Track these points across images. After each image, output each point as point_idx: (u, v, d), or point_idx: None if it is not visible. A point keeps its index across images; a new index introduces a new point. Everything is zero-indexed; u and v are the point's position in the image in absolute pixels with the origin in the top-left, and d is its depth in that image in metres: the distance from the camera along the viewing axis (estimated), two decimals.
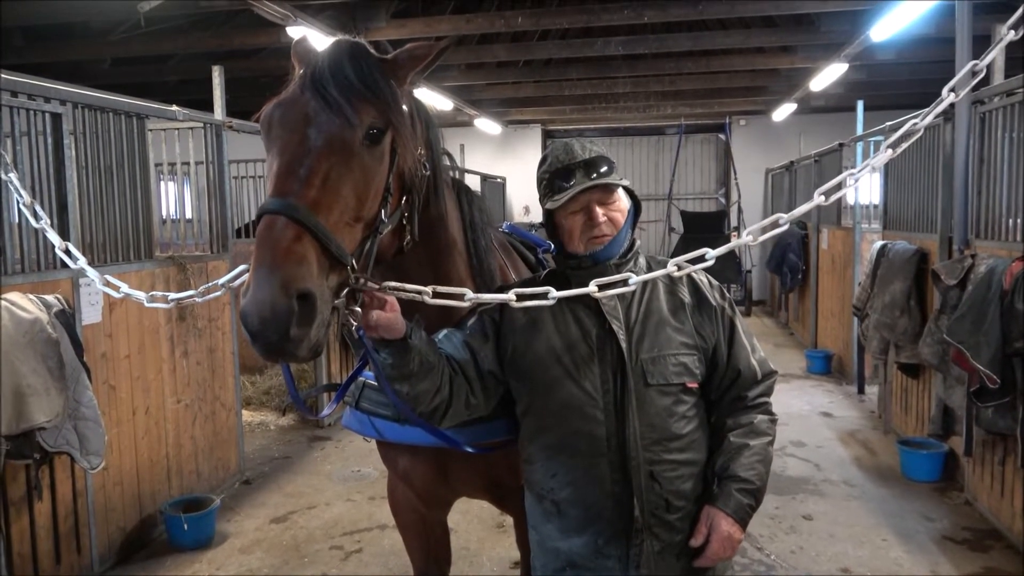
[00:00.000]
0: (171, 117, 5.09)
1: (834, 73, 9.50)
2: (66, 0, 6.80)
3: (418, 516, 2.65)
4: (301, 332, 1.47)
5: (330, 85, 1.64)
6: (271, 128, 1.68)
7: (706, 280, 2.07)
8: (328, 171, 1.59)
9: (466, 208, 2.21)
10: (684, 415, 1.96)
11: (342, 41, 1.79)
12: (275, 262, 1.46)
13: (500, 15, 8.09)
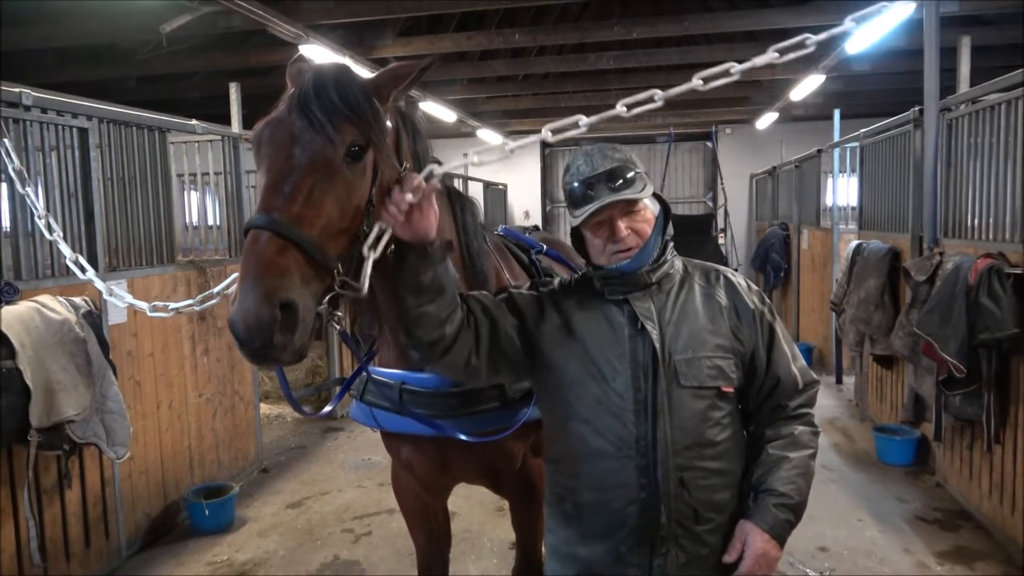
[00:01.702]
0: (191, 131, 5.10)
1: (813, 84, 9.49)
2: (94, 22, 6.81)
3: (420, 502, 2.65)
4: (284, 339, 1.48)
5: (314, 105, 1.64)
6: (260, 146, 1.69)
7: (744, 283, 1.90)
8: (311, 187, 1.60)
9: (459, 213, 2.19)
10: (719, 422, 1.79)
11: (328, 64, 1.79)
12: (259, 274, 1.47)
13: (499, 33, 8.10)
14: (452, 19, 8.59)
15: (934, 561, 4.02)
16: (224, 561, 4.23)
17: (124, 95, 9.43)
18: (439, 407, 2.14)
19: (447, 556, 2.78)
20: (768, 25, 7.49)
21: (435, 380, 2.13)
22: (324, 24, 6.79)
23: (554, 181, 16.56)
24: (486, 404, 2.14)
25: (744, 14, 7.33)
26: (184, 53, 8.13)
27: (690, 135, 15.50)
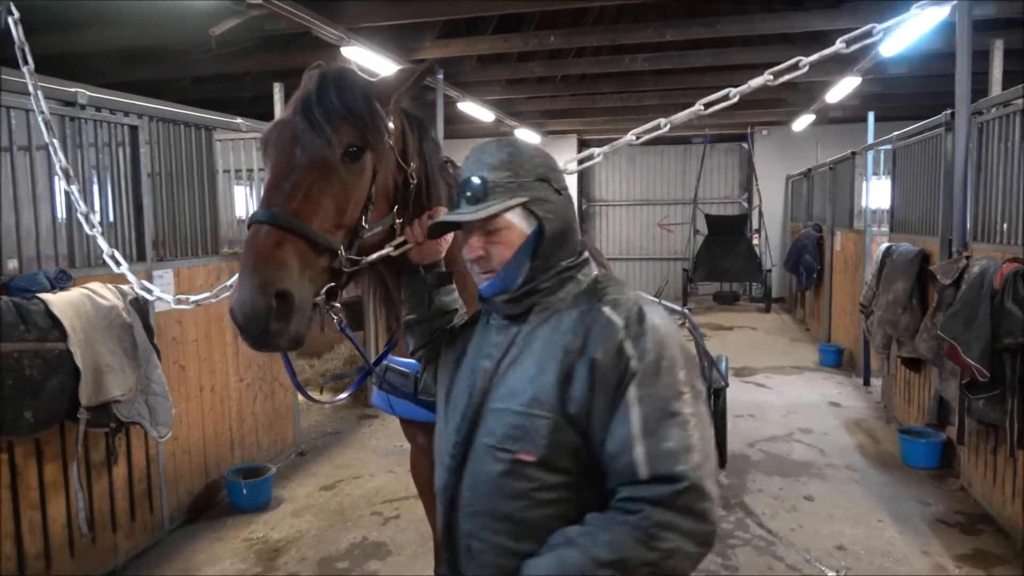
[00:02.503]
0: (236, 128, 5.24)
1: (848, 86, 9.30)
2: (150, 25, 7.03)
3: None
4: (280, 326, 1.55)
5: (315, 108, 1.71)
6: (267, 147, 1.76)
7: (635, 331, 1.39)
8: (310, 185, 1.66)
9: None
10: (524, 495, 1.41)
11: (333, 68, 1.85)
12: (257, 265, 1.54)
13: (535, 35, 8.11)
14: (490, 21, 8.63)
15: (952, 564, 3.94)
16: (260, 538, 4.36)
17: (179, 95, 9.70)
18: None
19: None
20: (801, 28, 7.38)
21: None
22: (365, 27, 6.88)
23: (591, 180, 16.52)
24: None
25: (777, 16, 7.22)
26: (234, 55, 8.32)
27: (725, 136, 15.30)
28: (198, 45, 8.12)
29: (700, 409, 1.37)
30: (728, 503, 4.75)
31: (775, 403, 7.14)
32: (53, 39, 7.02)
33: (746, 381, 7.99)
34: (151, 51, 8.32)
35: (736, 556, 4.06)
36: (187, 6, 6.02)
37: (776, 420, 6.58)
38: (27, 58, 2.17)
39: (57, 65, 7.24)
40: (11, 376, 3.07)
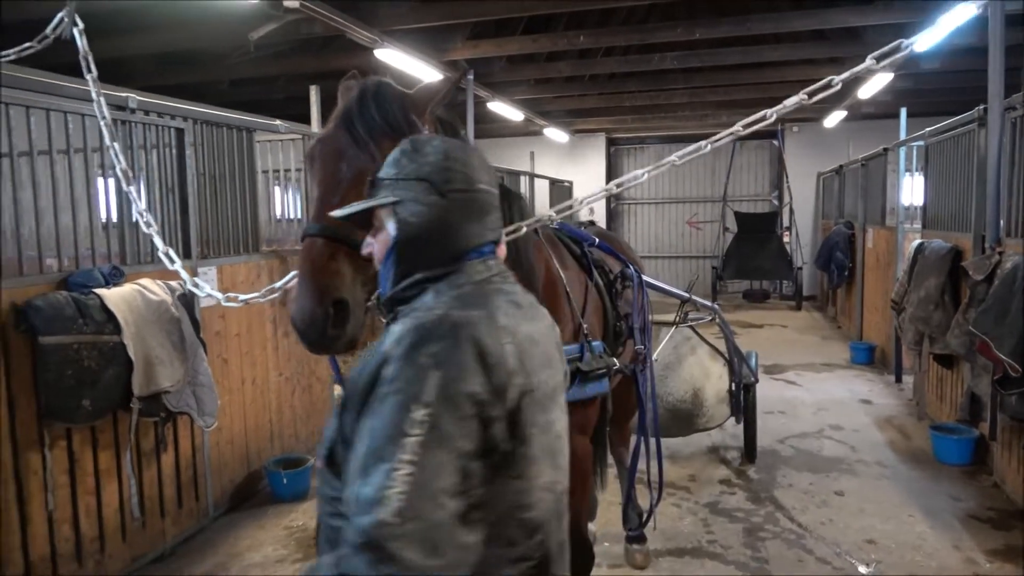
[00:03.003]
0: (275, 130, 5.40)
1: (881, 82, 9.23)
2: (190, 30, 7.25)
3: None
4: (337, 332, 1.67)
5: (358, 124, 1.82)
6: (313, 161, 1.87)
7: (388, 342, 1.28)
8: (357, 198, 1.71)
9: (507, 209, 2.30)
10: (327, 500, 1.39)
11: (370, 82, 1.94)
12: (314, 276, 1.67)
13: (564, 35, 8.19)
14: (519, 22, 8.73)
15: (983, 558, 3.95)
16: (299, 526, 4.51)
17: (217, 97, 9.95)
18: None
19: None
20: (834, 24, 7.36)
21: None
22: (397, 29, 7.03)
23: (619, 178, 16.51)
24: None
25: (808, 13, 7.20)
26: (269, 58, 8.53)
27: (756, 133, 15.13)
28: (235, 49, 8.34)
29: (427, 459, 1.14)
30: (758, 497, 4.79)
31: (806, 400, 7.13)
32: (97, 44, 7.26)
33: (776, 378, 7.99)
34: (191, 55, 8.57)
35: (766, 548, 4.10)
36: (227, 10, 6.21)
37: (807, 417, 6.59)
38: (91, 66, 2.31)
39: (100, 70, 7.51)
40: (71, 367, 3.24)
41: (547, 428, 1.34)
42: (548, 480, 1.34)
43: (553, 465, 1.36)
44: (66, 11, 2.32)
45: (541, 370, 1.36)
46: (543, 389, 1.35)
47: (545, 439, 1.33)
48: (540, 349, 1.38)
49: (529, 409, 1.29)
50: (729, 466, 5.37)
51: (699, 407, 5.06)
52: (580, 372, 2.39)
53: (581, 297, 2.56)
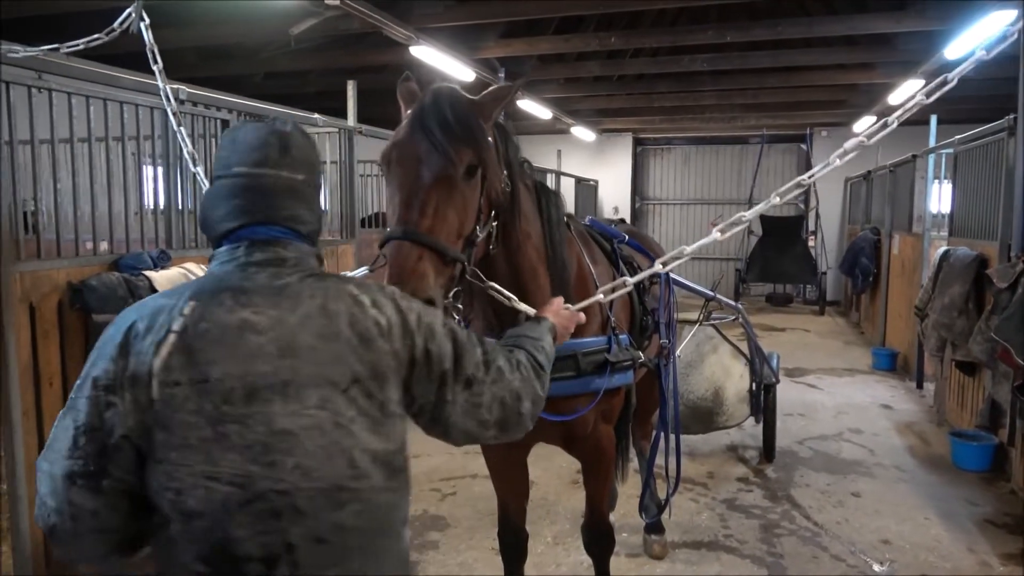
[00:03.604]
0: (313, 123, 5.57)
1: (911, 88, 9.20)
2: (231, 24, 7.45)
3: (501, 454, 2.89)
4: None
5: (436, 130, 1.91)
6: (390, 166, 1.97)
7: None
8: (437, 202, 1.89)
9: (544, 206, 2.42)
10: None
11: (441, 88, 2.03)
12: (404, 278, 1.77)
13: (595, 35, 8.29)
14: (551, 22, 8.84)
15: (998, 562, 4.01)
16: None
17: (251, 90, 10.16)
18: None
19: (523, 506, 3.04)
20: (865, 30, 7.38)
21: None
22: (431, 27, 7.17)
23: (645, 178, 16.58)
24: (562, 373, 2.39)
25: (840, 19, 7.25)
26: (305, 52, 8.71)
27: (783, 136, 15.19)
28: (270, 43, 8.54)
29: (59, 422, 1.37)
30: (775, 495, 4.87)
31: (826, 403, 7.18)
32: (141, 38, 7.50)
33: (797, 381, 8.03)
34: (230, 49, 8.78)
35: (781, 544, 4.19)
36: (268, 6, 6.39)
37: (826, 420, 6.64)
38: (156, 58, 2.46)
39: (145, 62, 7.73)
40: None
41: (247, 421, 1.30)
42: (209, 470, 1.30)
43: (250, 459, 1.30)
44: (134, 6, 2.47)
45: (250, 361, 1.32)
46: (247, 380, 1.31)
47: (237, 429, 1.30)
48: (260, 339, 1.33)
49: (190, 399, 1.30)
50: (747, 464, 5.45)
51: (719, 405, 5.16)
52: (608, 363, 2.49)
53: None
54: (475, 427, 1.60)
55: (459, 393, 1.55)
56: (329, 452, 1.35)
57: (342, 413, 1.36)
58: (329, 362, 1.37)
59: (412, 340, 1.47)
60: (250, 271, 1.40)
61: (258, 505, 1.31)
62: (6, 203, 3.16)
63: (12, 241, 3.19)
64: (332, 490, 1.35)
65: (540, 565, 3.90)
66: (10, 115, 3.14)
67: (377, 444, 1.40)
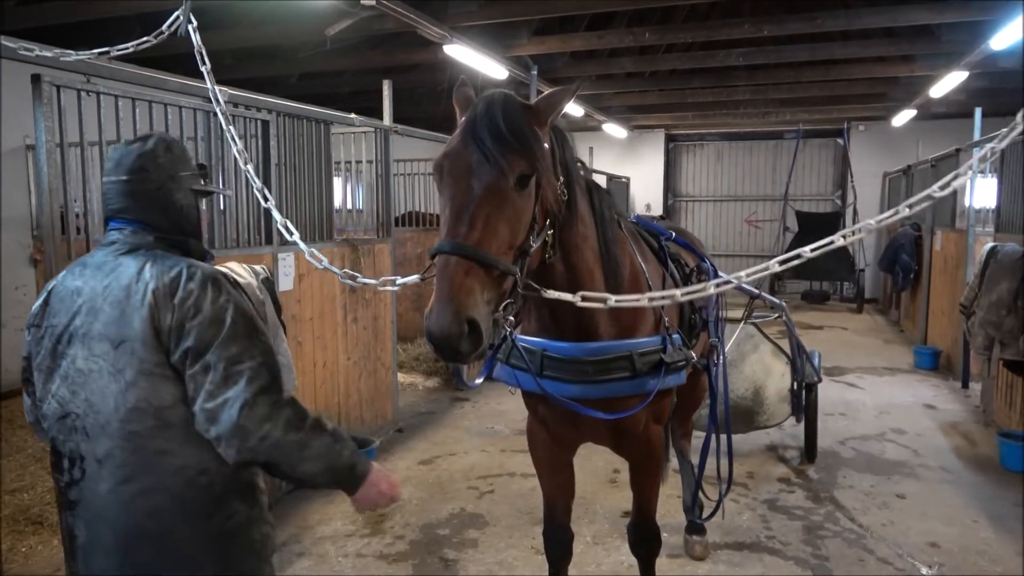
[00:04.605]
0: (350, 123, 5.61)
1: (954, 81, 8.99)
2: (268, 26, 7.53)
3: (551, 453, 2.88)
4: (470, 347, 1.77)
5: (487, 139, 1.88)
6: (442, 176, 1.95)
7: None
8: (488, 214, 1.86)
9: (597, 205, 2.39)
10: None
11: (495, 95, 2.00)
12: (450, 295, 1.75)
13: (629, 31, 8.22)
14: (583, 19, 8.79)
15: None
16: None
17: (286, 90, 10.29)
18: (574, 372, 2.38)
19: (570, 505, 3.02)
20: (906, 22, 7.21)
21: (573, 348, 2.38)
22: (464, 26, 7.18)
23: (677, 175, 16.44)
24: (617, 374, 2.37)
25: (880, 11, 7.07)
26: (339, 53, 8.78)
27: (819, 131, 14.94)
28: (305, 44, 8.62)
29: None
30: (817, 496, 4.79)
31: (867, 403, 7.05)
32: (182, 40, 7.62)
33: (837, 380, 7.90)
34: (266, 50, 8.88)
35: (826, 546, 4.12)
36: (304, 7, 6.45)
37: (868, 419, 6.52)
38: (205, 60, 2.49)
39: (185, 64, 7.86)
40: None
41: (65, 358, 1.82)
42: (50, 389, 1.86)
43: (66, 387, 1.82)
44: (182, 9, 2.51)
45: (72, 315, 1.83)
46: (73, 326, 1.82)
47: (65, 367, 1.83)
48: (79, 300, 1.83)
49: (43, 339, 1.87)
50: (788, 465, 5.38)
51: (759, 405, 5.09)
52: (663, 363, 2.46)
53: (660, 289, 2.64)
54: (202, 417, 1.75)
55: (198, 374, 1.74)
56: (104, 394, 1.78)
57: (116, 365, 1.77)
58: (111, 322, 1.78)
59: (173, 314, 1.75)
60: (96, 251, 1.91)
61: (67, 421, 1.82)
62: (56, 204, 3.23)
63: (63, 242, 3.26)
64: (106, 425, 1.77)
65: (580, 564, 3.88)
66: (60, 118, 3.21)
67: (145, 396, 1.76)
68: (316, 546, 4.17)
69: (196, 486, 1.79)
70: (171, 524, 1.79)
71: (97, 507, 1.79)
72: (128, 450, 1.76)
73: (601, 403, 2.39)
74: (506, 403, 6.85)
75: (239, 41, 8.12)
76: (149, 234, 1.89)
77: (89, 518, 1.81)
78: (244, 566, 1.88)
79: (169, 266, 1.80)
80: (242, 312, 1.81)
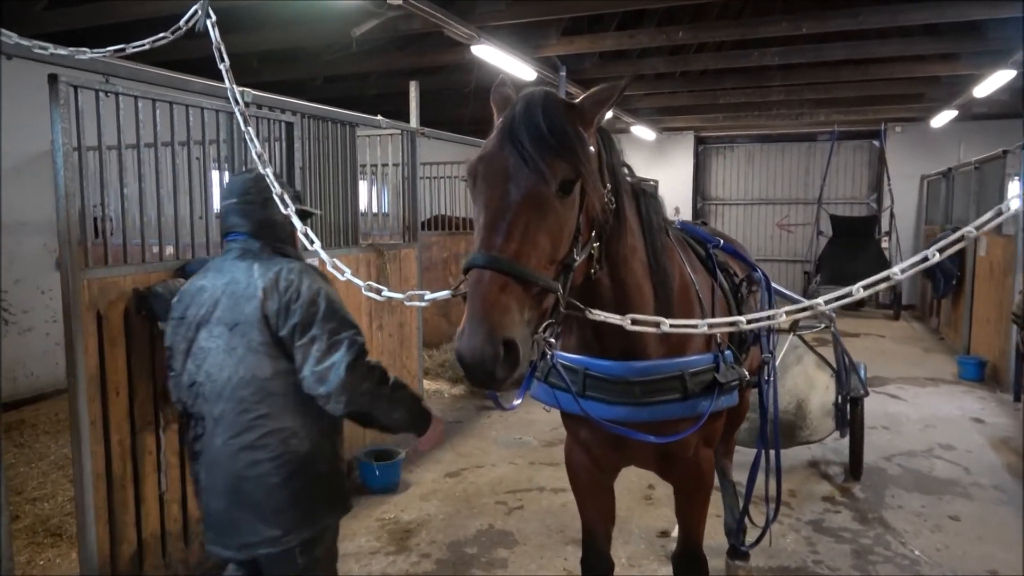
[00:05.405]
0: (376, 125, 5.46)
1: (1001, 80, 8.64)
2: (293, 28, 7.44)
3: (591, 478, 2.69)
4: (506, 372, 1.56)
5: (526, 141, 1.68)
6: (476, 182, 1.74)
7: None
8: (526, 224, 1.64)
9: (644, 212, 2.20)
10: None
11: (535, 93, 1.80)
12: (484, 313, 1.55)
13: (662, 31, 8.00)
14: (612, 18, 8.59)
15: None
16: (391, 519, 4.54)
17: (311, 93, 10.20)
18: (620, 393, 2.18)
19: (611, 532, 2.82)
20: (953, 17, 6.91)
21: (619, 368, 2.18)
22: (492, 25, 7.01)
23: (707, 178, 16.14)
24: (667, 395, 2.17)
25: (925, 6, 6.78)
26: (365, 54, 8.66)
27: (855, 133, 14.56)
28: (330, 46, 8.52)
29: None
30: (865, 517, 4.54)
31: (911, 416, 6.75)
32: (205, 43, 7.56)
33: (878, 391, 7.58)
34: (291, 52, 8.80)
35: (877, 572, 3.87)
36: (329, 8, 6.33)
37: (913, 434, 6.23)
38: (223, 56, 2.34)
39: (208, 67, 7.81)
40: None
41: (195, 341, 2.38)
42: (186, 365, 2.40)
43: (194, 362, 2.37)
44: (200, 4, 2.36)
45: (199, 306, 2.38)
46: (202, 315, 2.37)
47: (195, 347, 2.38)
48: (206, 295, 2.39)
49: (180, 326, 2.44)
50: (832, 482, 5.12)
51: (802, 419, 4.85)
52: (716, 383, 2.26)
53: (709, 302, 2.44)
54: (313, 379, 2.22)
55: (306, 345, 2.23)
56: (220, 366, 2.31)
57: (230, 343, 2.29)
58: (228, 310, 2.32)
59: (279, 300, 2.25)
60: (217, 258, 2.51)
61: (194, 388, 2.37)
62: (75, 208, 3.11)
63: (80, 247, 3.14)
64: (221, 391, 2.30)
65: None
66: (78, 119, 3.09)
67: (251, 369, 2.27)
68: (339, 563, 4.01)
69: (288, 446, 2.27)
70: (266, 475, 2.26)
71: (212, 457, 2.31)
72: (236, 412, 2.27)
73: (648, 426, 2.19)
74: (534, 413, 6.66)
75: (265, 43, 8.04)
76: (256, 243, 2.43)
77: (207, 465, 2.33)
78: (321, 515, 2.37)
79: (271, 265, 2.34)
80: (330, 295, 2.29)
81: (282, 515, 2.28)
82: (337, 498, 2.44)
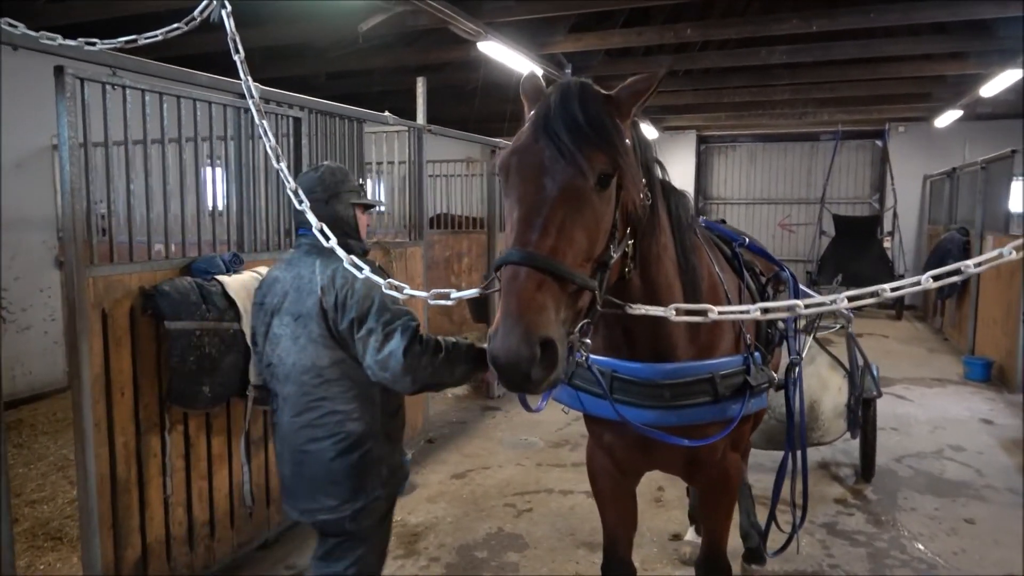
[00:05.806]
0: (383, 122, 5.37)
1: (1008, 79, 8.57)
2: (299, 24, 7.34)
3: (613, 482, 2.61)
4: (542, 374, 1.48)
5: (562, 133, 1.60)
6: (509, 175, 1.67)
7: None
8: (563, 219, 1.57)
9: (674, 210, 2.13)
10: None
11: (571, 83, 1.73)
12: (520, 312, 1.47)
13: (670, 28, 7.92)
14: (619, 15, 8.51)
15: None
16: (399, 521, 4.46)
17: (315, 90, 10.08)
18: (648, 396, 2.11)
19: (632, 537, 2.74)
20: (967, 16, 6.83)
21: (647, 370, 2.10)
22: (499, 22, 6.93)
23: (708, 177, 16.08)
24: (697, 398, 2.10)
25: (939, 4, 6.70)
26: (371, 51, 8.57)
27: (858, 132, 14.49)
28: (336, 43, 8.43)
29: None
30: (879, 520, 4.47)
31: (919, 417, 6.68)
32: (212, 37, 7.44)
33: (884, 392, 7.46)
34: (296, 49, 8.71)
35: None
36: (336, 4, 6.24)
37: (922, 435, 6.16)
38: (238, 47, 2.27)
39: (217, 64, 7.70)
40: (193, 353, 3.25)
41: (270, 327, 2.59)
42: (264, 349, 2.63)
43: (270, 346, 2.59)
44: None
45: (274, 296, 2.59)
46: (275, 304, 2.58)
47: (271, 332, 2.58)
48: (280, 286, 2.59)
49: (259, 312, 2.66)
50: (843, 484, 5.05)
51: (815, 420, 4.77)
52: (747, 385, 2.18)
53: (737, 301, 2.37)
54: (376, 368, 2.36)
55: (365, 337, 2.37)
56: (288, 351, 2.51)
57: (294, 332, 2.50)
58: (294, 302, 2.52)
59: (336, 296, 2.42)
60: (291, 252, 2.71)
61: (270, 369, 2.60)
62: (80, 205, 3.02)
63: (85, 244, 3.06)
64: (288, 374, 2.52)
65: None
66: (84, 113, 3.00)
67: (311, 358, 2.47)
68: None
69: (343, 427, 2.47)
70: (324, 451, 2.47)
71: (282, 431, 2.57)
72: (299, 393, 2.49)
73: (677, 430, 2.12)
74: (540, 414, 6.56)
75: (270, 39, 7.93)
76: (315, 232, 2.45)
77: (279, 438, 2.60)
78: (373, 491, 2.54)
79: (331, 263, 2.46)
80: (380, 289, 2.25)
81: (336, 487, 2.49)
82: (390, 474, 2.61)
